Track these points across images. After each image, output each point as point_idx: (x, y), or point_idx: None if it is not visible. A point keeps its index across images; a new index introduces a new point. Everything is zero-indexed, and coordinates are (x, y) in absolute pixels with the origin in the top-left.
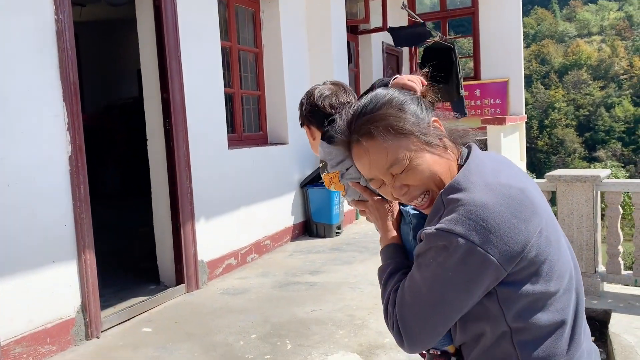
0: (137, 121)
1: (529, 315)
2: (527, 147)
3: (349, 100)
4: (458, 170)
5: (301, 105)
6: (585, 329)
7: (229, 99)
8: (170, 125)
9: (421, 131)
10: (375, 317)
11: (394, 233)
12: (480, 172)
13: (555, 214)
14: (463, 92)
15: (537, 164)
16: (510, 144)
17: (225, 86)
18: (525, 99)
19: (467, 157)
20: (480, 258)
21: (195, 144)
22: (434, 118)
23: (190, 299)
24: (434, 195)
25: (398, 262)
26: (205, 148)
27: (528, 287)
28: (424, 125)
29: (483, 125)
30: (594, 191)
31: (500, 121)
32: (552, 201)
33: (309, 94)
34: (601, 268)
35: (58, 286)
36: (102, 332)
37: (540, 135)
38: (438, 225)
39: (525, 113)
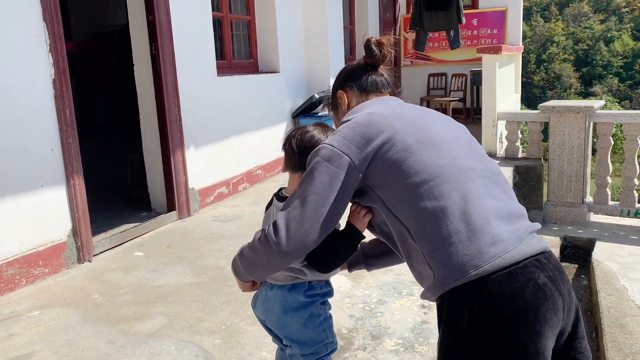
0: (126, 49)
1: (411, 208)
2: (523, 82)
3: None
4: None
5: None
6: (501, 214)
7: (217, 24)
8: (157, 50)
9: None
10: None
11: None
12: (355, 109)
13: (547, 147)
14: (463, 21)
15: (533, 99)
16: (506, 75)
17: (213, 10)
18: (524, 32)
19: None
20: (339, 157)
21: (183, 70)
22: (339, 91)
23: (181, 225)
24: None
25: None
26: (193, 74)
27: (398, 184)
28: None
29: (479, 56)
30: (587, 122)
31: (496, 50)
32: (545, 132)
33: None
34: (589, 199)
35: (48, 210)
36: (94, 256)
37: (537, 70)
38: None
39: (523, 46)
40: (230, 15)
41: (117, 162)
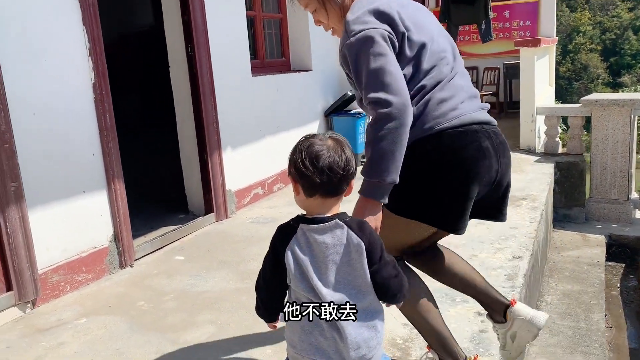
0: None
1: (417, 66)
2: None
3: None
4: None
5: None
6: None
7: (250, 23)
8: (193, 51)
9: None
10: None
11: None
12: (358, 3)
13: (590, 141)
14: (492, 14)
15: (558, 91)
16: (541, 68)
17: (246, 9)
18: None
19: None
20: (375, 31)
21: (218, 70)
22: None
23: (220, 228)
24: (336, 29)
25: None
26: (229, 75)
27: (407, 51)
28: None
29: (514, 49)
30: (632, 115)
31: (535, 43)
32: (587, 128)
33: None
34: (634, 195)
35: (90, 215)
36: (135, 260)
37: (563, 61)
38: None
39: (557, 38)
40: (263, 13)
41: (150, 163)
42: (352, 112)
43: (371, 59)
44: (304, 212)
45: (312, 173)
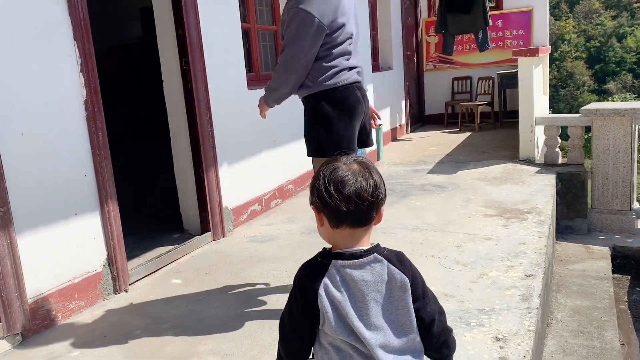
0: (143, 63)
1: (333, 40)
2: None
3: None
4: None
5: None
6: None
7: (245, 35)
8: (188, 65)
9: None
10: (415, 263)
11: None
12: None
13: (590, 151)
14: (490, 22)
15: None
16: (537, 77)
17: (240, 21)
18: None
19: None
20: (310, 15)
21: (214, 84)
22: None
23: (217, 248)
24: None
25: None
26: (224, 89)
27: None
28: None
29: (508, 58)
30: (633, 125)
31: (533, 52)
32: (587, 138)
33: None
34: (636, 205)
35: (82, 239)
36: (130, 284)
37: (549, 69)
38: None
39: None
40: (257, 25)
41: (140, 180)
42: None
43: (299, 32)
44: (329, 246)
45: (337, 201)
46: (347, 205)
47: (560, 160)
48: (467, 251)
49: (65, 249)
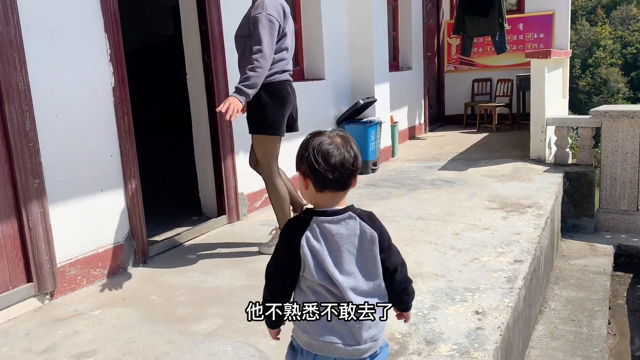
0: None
1: (283, 44)
2: (569, 87)
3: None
4: None
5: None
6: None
7: None
8: (209, 59)
9: None
10: (413, 247)
11: None
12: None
13: (599, 152)
14: (506, 26)
15: (578, 105)
16: (554, 80)
17: None
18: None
19: None
20: (270, 18)
21: (233, 78)
22: None
23: (232, 229)
24: None
25: None
26: None
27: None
28: None
29: (527, 61)
30: None
31: (545, 54)
32: (596, 138)
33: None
34: None
35: (107, 214)
36: (149, 258)
37: (583, 75)
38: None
39: (571, 50)
40: None
41: (166, 167)
42: (363, 120)
43: (266, 33)
44: (311, 206)
45: (324, 170)
46: (332, 173)
47: (570, 161)
48: (464, 239)
49: (91, 221)
